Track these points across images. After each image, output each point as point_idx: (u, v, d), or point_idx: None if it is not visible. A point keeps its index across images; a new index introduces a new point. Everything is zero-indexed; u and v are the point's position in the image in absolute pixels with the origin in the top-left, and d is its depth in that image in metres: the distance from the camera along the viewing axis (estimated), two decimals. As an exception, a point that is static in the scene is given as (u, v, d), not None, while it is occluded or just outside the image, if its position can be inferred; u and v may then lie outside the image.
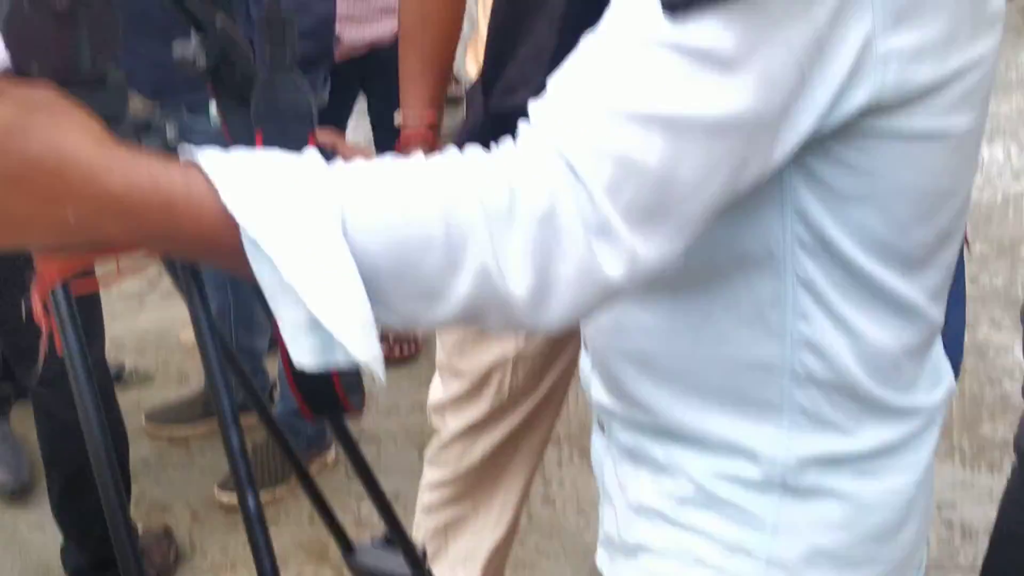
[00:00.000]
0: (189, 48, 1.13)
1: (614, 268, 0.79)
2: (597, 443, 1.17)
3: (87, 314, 2.22)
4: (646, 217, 0.80)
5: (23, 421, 3.14)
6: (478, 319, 0.81)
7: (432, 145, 1.90)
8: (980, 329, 3.87)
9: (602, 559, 1.18)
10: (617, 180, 0.77)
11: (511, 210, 0.76)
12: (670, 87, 0.78)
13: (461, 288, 0.77)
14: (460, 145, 0.83)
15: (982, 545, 2.22)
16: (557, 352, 1.98)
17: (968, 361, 3.33)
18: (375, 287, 0.75)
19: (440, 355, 2.11)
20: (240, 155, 0.76)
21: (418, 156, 0.81)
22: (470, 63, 4.15)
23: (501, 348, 1.93)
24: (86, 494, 2.23)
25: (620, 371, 1.03)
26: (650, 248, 0.81)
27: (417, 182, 0.77)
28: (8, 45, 0.94)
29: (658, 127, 0.78)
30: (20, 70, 0.93)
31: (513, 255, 0.77)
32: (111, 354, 3.17)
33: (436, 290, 0.77)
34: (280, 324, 0.75)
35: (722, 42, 0.77)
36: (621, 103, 0.78)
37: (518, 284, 0.77)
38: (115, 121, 0.95)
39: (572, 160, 0.77)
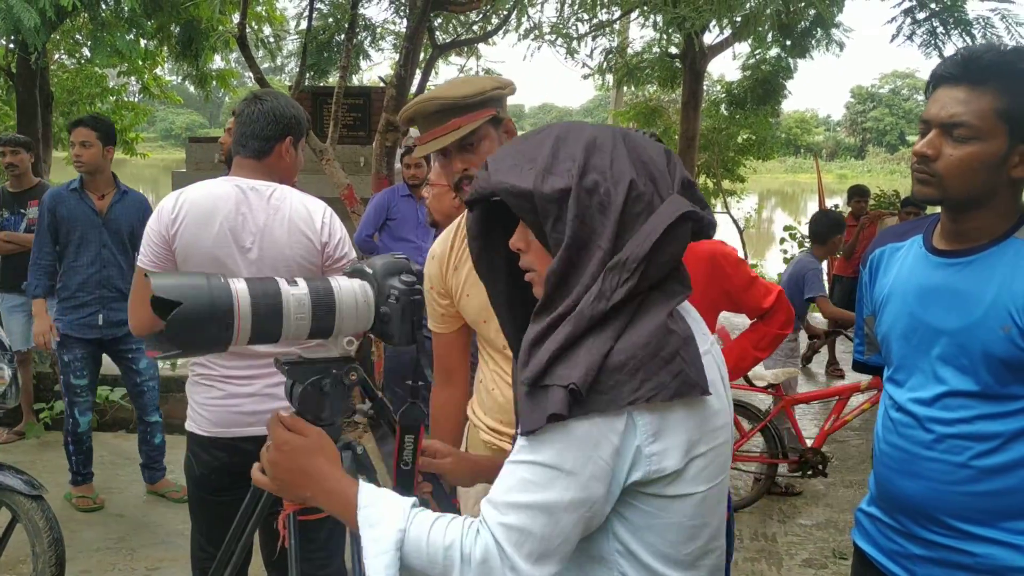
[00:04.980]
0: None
1: None
2: None
3: (330, 531, 2.52)
4: (539, 556, 1.14)
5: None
6: None
7: None
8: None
9: None
10: (519, 540, 1.13)
11: (471, 558, 1.14)
12: (540, 485, 1.14)
13: None
14: None
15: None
16: None
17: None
18: (414, 571, 1.17)
19: None
20: (377, 497, 1.22)
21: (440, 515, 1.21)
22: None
23: None
24: None
25: None
26: (541, 570, 1.14)
27: (436, 534, 1.16)
28: (305, 410, 1.45)
29: (538, 509, 1.14)
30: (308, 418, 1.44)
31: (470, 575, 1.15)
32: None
33: None
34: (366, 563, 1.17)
35: (561, 459, 1.13)
36: (514, 498, 1.15)
37: None
38: (336, 442, 1.34)
39: (497, 535, 1.14)
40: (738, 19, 6.78)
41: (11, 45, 9.39)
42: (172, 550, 4.06)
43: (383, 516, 1.18)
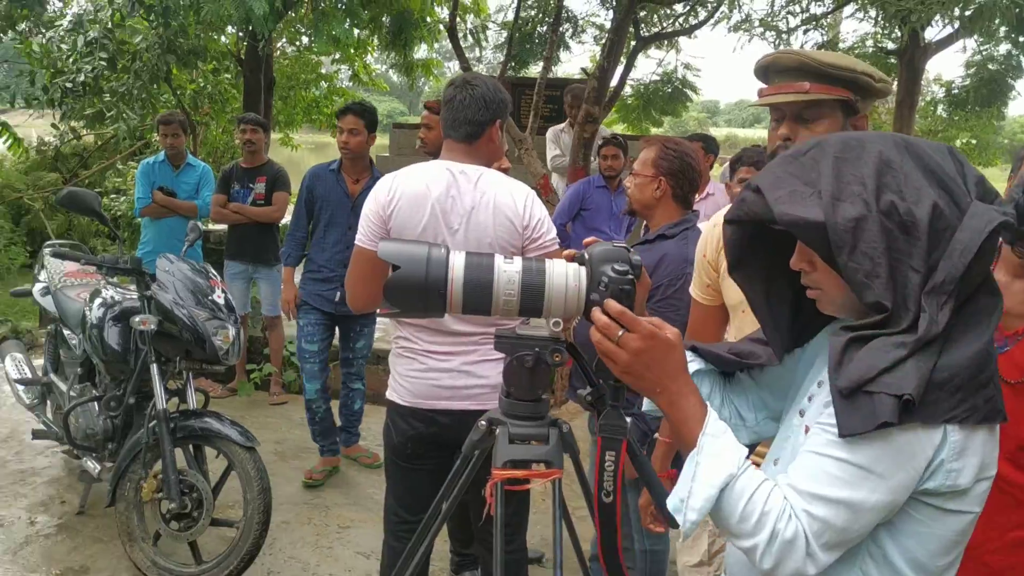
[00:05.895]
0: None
1: (811, 568, 1.18)
2: None
3: (516, 507, 2.60)
4: (832, 546, 1.18)
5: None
6: (748, 554, 1.21)
7: None
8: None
9: None
10: (820, 531, 1.17)
11: (780, 534, 1.17)
12: (848, 483, 1.16)
13: (745, 543, 1.19)
14: None
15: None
16: None
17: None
18: (719, 513, 1.20)
19: None
20: (722, 431, 1.23)
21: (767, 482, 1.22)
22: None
23: None
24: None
25: None
26: (830, 557, 1.19)
27: (760, 496, 1.18)
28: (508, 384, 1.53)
29: (844, 505, 1.17)
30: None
31: (773, 548, 1.17)
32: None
33: (738, 533, 1.19)
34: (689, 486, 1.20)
35: (875, 462, 1.15)
36: (821, 491, 1.17)
37: (769, 561, 1.18)
38: (542, 418, 1.42)
39: (803, 521, 1.18)
40: (968, 12, 6.32)
41: (241, 33, 10.22)
42: (362, 512, 4.30)
43: (720, 452, 1.20)
